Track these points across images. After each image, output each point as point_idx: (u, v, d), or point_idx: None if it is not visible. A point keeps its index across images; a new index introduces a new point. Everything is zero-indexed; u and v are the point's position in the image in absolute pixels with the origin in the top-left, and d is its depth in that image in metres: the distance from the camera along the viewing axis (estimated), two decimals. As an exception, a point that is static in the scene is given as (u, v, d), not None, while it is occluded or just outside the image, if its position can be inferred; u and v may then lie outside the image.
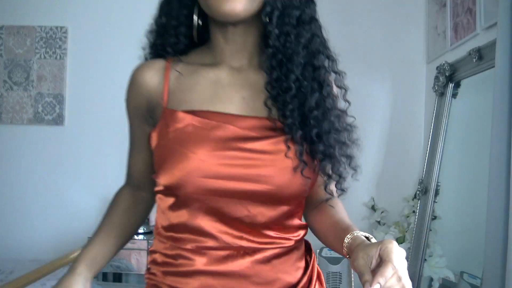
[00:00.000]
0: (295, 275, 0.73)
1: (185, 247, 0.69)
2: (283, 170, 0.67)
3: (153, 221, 2.33)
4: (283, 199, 0.70)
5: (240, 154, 0.66)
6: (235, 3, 0.65)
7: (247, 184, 0.67)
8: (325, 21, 2.76)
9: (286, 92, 0.68)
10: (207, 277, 0.68)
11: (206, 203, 0.67)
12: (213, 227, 0.68)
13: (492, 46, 1.40)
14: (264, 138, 0.68)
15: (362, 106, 2.36)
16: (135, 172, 0.83)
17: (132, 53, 2.96)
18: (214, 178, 0.66)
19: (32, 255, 2.50)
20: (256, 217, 0.69)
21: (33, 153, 2.56)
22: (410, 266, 1.99)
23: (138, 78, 0.77)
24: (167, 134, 0.68)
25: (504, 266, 1.15)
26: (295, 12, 0.71)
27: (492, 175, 1.21)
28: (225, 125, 0.67)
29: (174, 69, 0.74)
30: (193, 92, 0.72)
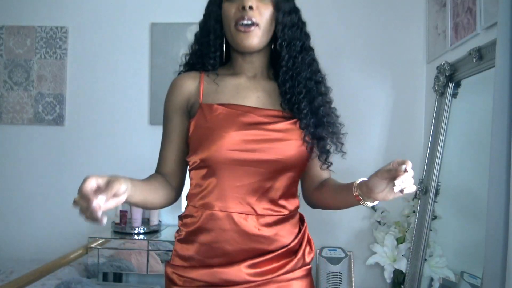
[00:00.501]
0: (289, 238, 0.97)
1: (210, 210, 0.92)
2: (290, 144, 0.94)
3: (154, 221, 2.34)
4: (289, 167, 0.95)
5: (258, 133, 0.92)
6: (253, 39, 0.95)
7: (263, 155, 0.92)
8: (325, 21, 2.77)
9: (299, 94, 0.97)
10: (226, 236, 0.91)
11: (230, 172, 0.92)
12: (233, 193, 0.92)
13: (492, 46, 1.40)
14: (275, 123, 0.95)
15: (362, 106, 2.36)
16: (167, 160, 1.03)
17: (132, 53, 2.98)
18: (238, 151, 0.91)
19: (32, 255, 2.50)
20: (267, 184, 0.94)
21: (33, 153, 2.57)
22: (410, 266, 1.99)
23: (179, 83, 1.04)
24: (205, 121, 0.94)
25: (504, 266, 1.15)
26: (299, 43, 1.01)
27: (492, 175, 1.21)
28: (247, 113, 0.94)
29: (207, 77, 1.01)
30: (221, 92, 0.98)
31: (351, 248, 2.34)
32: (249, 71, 1.02)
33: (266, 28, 0.96)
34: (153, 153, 2.80)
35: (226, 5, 0.97)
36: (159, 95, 2.47)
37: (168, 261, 0.99)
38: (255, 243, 0.93)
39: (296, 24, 1.02)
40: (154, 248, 2.14)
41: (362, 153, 2.36)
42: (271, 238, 0.94)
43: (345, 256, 2.16)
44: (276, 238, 0.95)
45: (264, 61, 1.03)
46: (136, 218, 2.29)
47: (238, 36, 0.95)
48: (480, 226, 1.34)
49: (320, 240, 2.36)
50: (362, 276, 2.34)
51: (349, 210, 2.34)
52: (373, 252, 2.15)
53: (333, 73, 2.37)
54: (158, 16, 2.50)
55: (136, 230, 2.26)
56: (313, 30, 2.52)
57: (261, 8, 0.95)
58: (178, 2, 2.50)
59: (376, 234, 2.19)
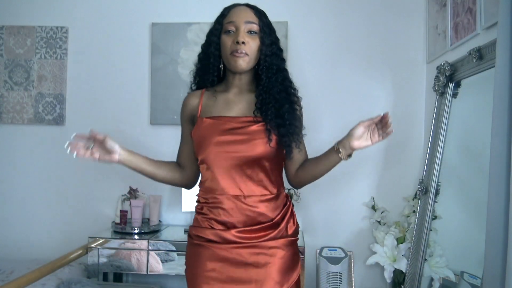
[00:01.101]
0: (273, 213, 1.27)
1: (213, 194, 1.27)
2: (257, 143, 1.23)
3: (154, 221, 2.34)
4: (261, 159, 1.24)
5: (234, 136, 1.24)
6: (243, 64, 1.27)
7: (238, 153, 1.23)
8: (325, 21, 2.76)
9: (268, 104, 1.27)
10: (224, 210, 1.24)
11: (220, 166, 1.24)
12: (225, 181, 1.25)
13: (492, 46, 1.40)
14: (247, 127, 1.25)
15: (362, 106, 2.37)
16: (182, 155, 1.41)
17: (132, 53, 2.97)
18: (222, 152, 1.23)
19: (32, 255, 2.51)
20: (246, 172, 1.25)
21: (34, 153, 2.57)
22: (410, 266, 1.99)
23: (186, 101, 1.38)
24: (199, 131, 1.28)
25: (504, 266, 1.15)
26: (275, 67, 1.31)
27: (492, 175, 1.21)
28: (227, 122, 1.26)
29: (206, 93, 1.35)
30: (214, 106, 1.32)
31: (351, 248, 2.34)
32: (238, 86, 1.34)
33: (253, 56, 1.29)
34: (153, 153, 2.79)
35: (224, 37, 1.29)
36: (159, 95, 2.48)
37: (190, 226, 1.35)
38: (245, 216, 1.24)
39: (275, 53, 1.33)
40: (154, 248, 2.14)
41: (362, 152, 2.35)
42: (258, 213, 1.24)
43: (345, 256, 2.16)
44: (262, 213, 1.25)
45: (249, 78, 1.34)
46: (136, 218, 2.29)
47: (233, 61, 1.27)
48: (480, 226, 1.34)
49: (320, 240, 2.36)
50: (362, 276, 2.35)
51: (349, 210, 2.36)
52: (373, 252, 2.16)
53: (333, 73, 2.40)
54: (158, 16, 2.50)
55: (136, 230, 2.26)
56: (314, 30, 2.54)
57: (250, 42, 1.28)
58: (178, 2, 2.50)
59: (376, 234, 2.19)
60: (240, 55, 1.25)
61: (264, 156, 1.24)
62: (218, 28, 1.32)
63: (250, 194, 1.24)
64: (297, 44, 2.41)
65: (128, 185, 2.42)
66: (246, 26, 1.29)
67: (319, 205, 2.38)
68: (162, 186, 2.46)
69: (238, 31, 1.27)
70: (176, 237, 2.19)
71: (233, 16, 1.30)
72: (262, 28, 1.32)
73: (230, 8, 1.34)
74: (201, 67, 1.37)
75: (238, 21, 1.28)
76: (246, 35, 1.28)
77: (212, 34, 1.33)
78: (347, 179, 2.37)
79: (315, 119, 1.87)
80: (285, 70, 1.35)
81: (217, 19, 1.35)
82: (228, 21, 1.30)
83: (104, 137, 1.26)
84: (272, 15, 2.46)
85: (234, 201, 1.24)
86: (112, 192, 2.49)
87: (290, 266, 1.26)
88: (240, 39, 1.25)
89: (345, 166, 2.35)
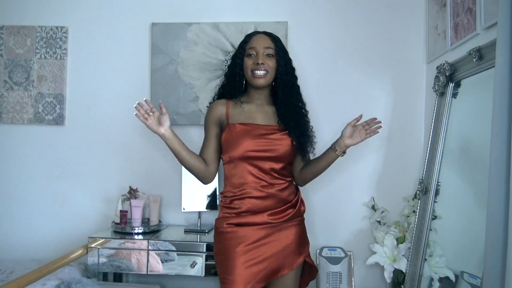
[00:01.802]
0: (291, 197, 1.63)
1: (243, 188, 1.57)
2: (283, 146, 1.59)
3: (153, 221, 2.34)
4: (283, 158, 1.59)
5: (262, 141, 1.57)
6: (261, 81, 1.60)
7: (268, 152, 1.57)
8: (325, 21, 2.76)
9: (289, 116, 1.62)
10: (254, 199, 1.56)
11: (248, 163, 1.56)
12: (253, 175, 1.57)
13: (492, 46, 1.40)
14: (273, 134, 1.60)
15: (362, 106, 2.36)
16: (207, 153, 1.64)
17: (132, 53, 2.96)
18: (252, 151, 1.55)
19: (32, 255, 2.51)
20: (273, 167, 1.58)
21: (33, 153, 2.57)
22: (410, 266, 1.99)
23: (214, 107, 1.65)
24: (231, 134, 1.58)
25: (504, 266, 1.15)
26: (290, 84, 1.65)
27: (492, 175, 1.21)
28: (256, 128, 1.59)
29: (231, 104, 1.65)
30: (240, 115, 1.63)
31: (351, 248, 2.34)
32: (258, 99, 1.66)
33: (270, 74, 1.61)
34: (153, 153, 2.81)
35: (246, 60, 1.62)
36: (159, 95, 2.48)
37: (216, 219, 1.64)
38: (273, 202, 1.56)
39: (289, 72, 1.65)
40: (154, 248, 2.14)
41: (362, 152, 2.36)
42: (281, 197, 1.58)
43: (345, 256, 2.16)
44: (284, 198, 1.59)
45: (267, 93, 1.67)
46: (136, 218, 2.29)
47: (254, 79, 1.60)
48: (480, 226, 1.34)
49: (320, 240, 2.36)
50: (362, 276, 2.35)
51: (349, 210, 2.36)
52: (373, 252, 2.16)
53: (333, 73, 2.40)
54: (158, 16, 2.50)
55: (136, 230, 2.26)
56: (314, 30, 2.53)
57: (268, 62, 1.60)
58: (178, 2, 2.50)
59: (376, 234, 2.19)
60: (260, 73, 1.58)
61: (286, 156, 1.59)
62: (241, 52, 1.64)
63: (273, 183, 1.57)
64: (297, 44, 2.41)
65: (128, 185, 2.42)
66: (265, 51, 1.60)
67: (319, 205, 2.38)
68: (162, 186, 2.48)
69: (258, 55, 1.60)
70: (176, 237, 2.19)
71: (253, 42, 1.62)
72: (278, 52, 1.62)
73: (251, 35, 1.66)
74: (227, 83, 1.69)
75: (258, 47, 1.61)
76: (265, 58, 1.60)
77: (236, 57, 1.66)
78: (347, 178, 2.37)
79: (315, 119, 1.87)
80: (298, 86, 1.68)
81: (241, 44, 1.67)
82: (249, 46, 1.62)
83: (165, 113, 1.54)
84: (272, 15, 2.48)
85: (262, 190, 1.55)
86: (112, 192, 2.49)
87: (303, 239, 1.62)
88: (260, 61, 1.58)
89: (345, 166, 2.36)
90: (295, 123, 1.60)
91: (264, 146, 1.56)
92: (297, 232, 1.59)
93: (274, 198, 1.56)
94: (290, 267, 1.55)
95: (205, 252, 2.11)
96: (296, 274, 1.59)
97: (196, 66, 2.46)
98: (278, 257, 1.53)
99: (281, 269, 1.53)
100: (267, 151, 1.56)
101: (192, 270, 2.11)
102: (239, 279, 1.47)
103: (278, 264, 1.53)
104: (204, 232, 2.28)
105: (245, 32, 2.42)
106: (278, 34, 2.44)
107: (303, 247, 1.61)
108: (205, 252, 2.11)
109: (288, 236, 1.56)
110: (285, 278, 1.55)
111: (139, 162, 2.52)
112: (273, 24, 2.41)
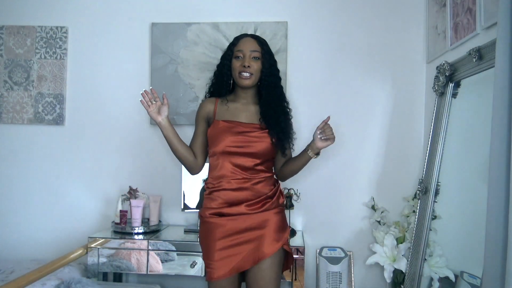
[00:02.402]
0: (268, 190, 1.69)
1: (220, 180, 1.66)
2: (262, 144, 1.66)
3: (153, 221, 2.34)
4: (260, 155, 1.67)
5: (243, 138, 1.66)
6: (247, 81, 1.69)
7: (246, 149, 1.65)
8: (325, 21, 2.76)
9: (270, 115, 1.70)
10: (230, 191, 1.65)
11: (228, 158, 1.65)
12: (230, 169, 1.65)
13: (492, 46, 1.40)
14: (253, 131, 1.68)
15: (362, 106, 2.37)
16: (195, 146, 1.76)
17: (132, 53, 2.96)
18: (231, 147, 1.64)
19: (32, 255, 2.51)
20: (250, 163, 1.65)
21: (33, 153, 2.57)
22: (410, 266, 1.99)
23: (204, 105, 1.77)
24: (215, 130, 1.68)
25: (504, 266, 1.15)
26: (273, 84, 1.73)
27: (492, 175, 1.21)
28: (237, 126, 1.68)
29: (219, 102, 1.75)
30: (226, 112, 1.73)
31: (351, 248, 2.34)
32: (244, 98, 1.75)
33: (255, 76, 1.70)
34: (153, 153, 2.80)
35: (234, 61, 1.71)
36: (159, 95, 2.47)
37: (200, 208, 1.80)
38: (248, 194, 1.65)
39: (273, 74, 1.74)
40: (154, 248, 2.14)
41: (362, 152, 2.36)
42: (256, 190, 1.66)
43: (345, 256, 2.16)
44: (260, 190, 1.67)
45: (253, 93, 1.76)
46: (136, 218, 2.29)
47: (240, 80, 1.69)
48: (480, 226, 1.33)
49: (320, 240, 2.37)
50: (362, 276, 2.35)
51: (349, 210, 2.36)
52: (373, 252, 2.16)
53: (333, 73, 2.40)
54: (158, 16, 2.50)
55: (136, 230, 2.26)
56: (314, 30, 2.53)
57: (254, 65, 1.69)
58: (178, 2, 2.50)
59: (376, 234, 2.19)
60: (246, 75, 1.68)
61: (263, 153, 1.67)
62: (229, 53, 1.73)
63: (251, 177, 1.66)
64: (297, 44, 2.42)
65: (128, 185, 2.42)
66: (251, 54, 1.69)
67: (319, 205, 2.38)
68: (162, 186, 2.48)
69: (244, 57, 1.68)
70: (176, 237, 2.19)
71: (241, 45, 1.71)
72: (264, 54, 1.71)
73: (239, 38, 1.74)
74: (216, 82, 1.79)
75: (245, 50, 1.69)
76: (251, 60, 1.69)
77: (225, 58, 1.75)
78: (347, 179, 2.37)
79: (314, 119, 1.87)
80: (281, 87, 1.78)
81: (229, 46, 1.75)
82: (237, 49, 1.71)
83: (165, 103, 1.68)
84: (272, 15, 2.48)
85: (237, 183, 1.64)
86: (112, 192, 2.50)
87: (282, 227, 1.68)
88: (246, 63, 1.67)
89: (345, 166, 2.37)
90: (275, 121, 1.68)
91: (243, 143, 1.65)
92: (274, 221, 1.66)
93: (249, 191, 1.65)
94: (267, 253, 1.61)
95: (205, 252, 2.11)
96: (273, 260, 1.62)
97: (196, 66, 2.46)
98: (255, 244, 1.61)
99: (258, 255, 1.60)
100: (245, 147, 1.64)
101: (192, 270, 2.11)
102: (219, 264, 1.59)
103: (255, 250, 1.61)
104: (204, 232, 2.28)
105: (245, 32, 2.42)
106: (278, 34, 2.47)
107: (281, 234, 1.66)
108: (205, 252, 2.11)
109: (265, 225, 1.63)
110: (263, 263, 1.61)
111: (139, 162, 2.52)
112: (273, 24, 2.41)
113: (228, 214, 1.63)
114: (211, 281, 1.61)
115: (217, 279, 1.59)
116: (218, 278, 1.59)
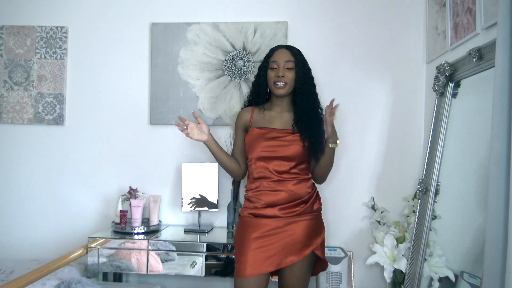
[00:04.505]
0: (306, 192, 1.79)
1: (260, 183, 1.79)
2: (293, 147, 1.77)
3: (153, 221, 2.34)
4: (293, 158, 1.77)
5: (276, 142, 1.78)
6: (281, 91, 1.82)
7: (279, 153, 1.77)
8: (325, 21, 2.76)
9: (302, 121, 1.79)
10: (266, 193, 1.77)
11: (263, 162, 1.78)
12: (266, 173, 1.77)
13: (492, 46, 1.40)
14: (286, 136, 1.79)
15: (362, 106, 2.37)
16: (236, 154, 1.93)
17: (132, 53, 2.96)
18: (265, 151, 1.78)
19: (32, 255, 2.51)
20: (284, 167, 1.76)
21: (34, 153, 2.57)
22: (410, 266, 1.99)
23: (241, 114, 1.94)
24: (250, 137, 1.84)
25: (504, 266, 1.15)
26: (307, 91, 1.83)
27: (492, 175, 1.21)
28: (270, 131, 1.82)
29: (256, 110, 1.91)
30: (261, 120, 1.87)
31: (351, 248, 2.34)
32: (279, 106, 1.88)
33: (289, 85, 1.82)
34: (153, 153, 2.81)
35: (270, 72, 1.84)
36: (159, 95, 2.48)
37: (240, 208, 1.91)
38: (283, 196, 1.75)
39: (307, 82, 1.83)
40: (154, 248, 2.14)
41: (362, 152, 2.36)
42: (292, 192, 1.76)
43: (345, 256, 2.16)
44: (296, 192, 1.77)
45: (288, 101, 1.88)
46: (136, 218, 2.29)
47: (275, 89, 1.82)
48: (480, 226, 1.34)
49: (320, 240, 2.36)
50: (362, 276, 2.35)
51: (349, 210, 2.36)
52: (373, 252, 2.16)
53: (333, 73, 2.40)
54: (158, 16, 2.50)
55: (136, 230, 2.26)
56: (314, 30, 2.53)
57: (288, 75, 1.81)
58: (178, 2, 2.50)
59: (376, 234, 2.19)
60: (280, 84, 1.80)
61: (296, 156, 1.77)
62: (265, 65, 1.86)
63: (290, 179, 1.76)
64: (297, 44, 2.40)
65: (128, 185, 2.42)
66: (285, 64, 1.81)
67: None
68: (162, 186, 2.48)
69: (279, 68, 1.80)
70: (176, 237, 2.19)
71: (275, 56, 1.83)
72: (297, 64, 1.82)
73: (274, 50, 1.86)
74: (253, 92, 1.94)
75: (279, 60, 1.81)
76: (285, 70, 1.80)
77: (261, 69, 1.89)
78: (347, 178, 2.37)
79: (315, 119, 1.88)
80: (315, 93, 1.87)
81: (265, 58, 1.88)
82: (272, 60, 1.84)
83: (201, 122, 1.84)
84: (272, 15, 2.48)
85: (274, 186, 1.76)
86: (112, 192, 2.50)
87: (314, 232, 1.76)
88: (280, 74, 1.79)
89: (345, 166, 2.36)
90: (307, 126, 1.77)
91: (276, 147, 1.77)
92: (307, 226, 1.74)
93: (285, 194, 1.75)
94: (297, 257, 1.70)
95: (205, 252, 2.11)
96: (304, 264, 1.73)
97: (196, 66, 2.46)
98: (287, 247, 1.70)
99: (288, 258, 1.70)
100: (278, 151, 1.76)
101: (192, 270, 2.11)
102: (249, 261, 1.68)
103: (285, 253, 1.70)
104: (204, 232, 2.28)
105: (245, 32, 2.42)
106: (278, 34, 2.47)
107: (312, 240, 1.74)
108: (205, 252, 2.11)
109: (297, 229, 1.72)
110: (293, 266, 1.71)
111: (139, 162, 2.52)
112: (273, 24, 2.41)
113: (263, 215, 1.74)
114: (241, 277, 1.69)
115: (247, 276, 1.67)
116: (249, 275, 1.67)
